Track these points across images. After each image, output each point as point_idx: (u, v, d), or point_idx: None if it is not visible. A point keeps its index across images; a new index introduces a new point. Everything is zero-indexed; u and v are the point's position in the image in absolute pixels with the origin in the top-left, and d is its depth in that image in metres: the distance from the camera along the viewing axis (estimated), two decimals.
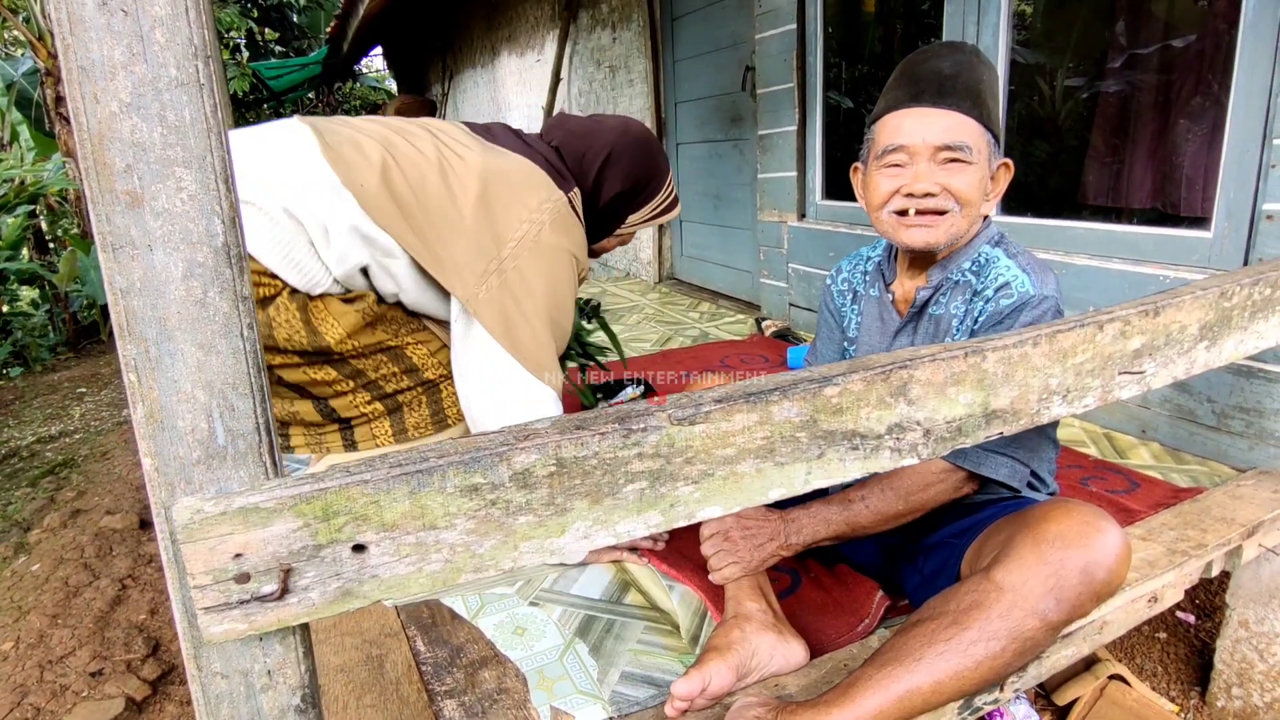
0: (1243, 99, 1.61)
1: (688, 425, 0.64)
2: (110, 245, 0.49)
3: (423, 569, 0.58)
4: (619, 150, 1.45)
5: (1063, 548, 0.87)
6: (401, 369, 1.34)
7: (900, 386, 0.73)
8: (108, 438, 3.55)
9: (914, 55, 1.12)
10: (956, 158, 1.05)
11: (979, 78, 1.07)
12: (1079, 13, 3.35)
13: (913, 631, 0.90)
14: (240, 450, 0.54)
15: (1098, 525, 0.88)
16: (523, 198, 1.31)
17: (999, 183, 1.13)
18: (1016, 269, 1.10)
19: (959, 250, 1.14)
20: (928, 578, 1.09)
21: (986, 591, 0.88)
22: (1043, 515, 0.91)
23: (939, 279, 1.14)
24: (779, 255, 3.09)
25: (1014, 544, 0.90)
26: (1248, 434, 1.62)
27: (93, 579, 2.16)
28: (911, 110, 1.06)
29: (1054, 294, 1.09)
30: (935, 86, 1.05)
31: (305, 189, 1.21)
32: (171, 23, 0.48)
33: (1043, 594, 0.86)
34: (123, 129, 0.48)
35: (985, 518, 1.07)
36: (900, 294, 1.21)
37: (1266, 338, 1.10)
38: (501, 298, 1.27)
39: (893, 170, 1.09)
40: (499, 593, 1.31)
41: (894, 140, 1.07)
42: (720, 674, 0.97)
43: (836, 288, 1.34)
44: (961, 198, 1.06)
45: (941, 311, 1.15)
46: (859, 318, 1.28)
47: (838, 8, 2.84)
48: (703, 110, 3.84)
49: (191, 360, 0.52)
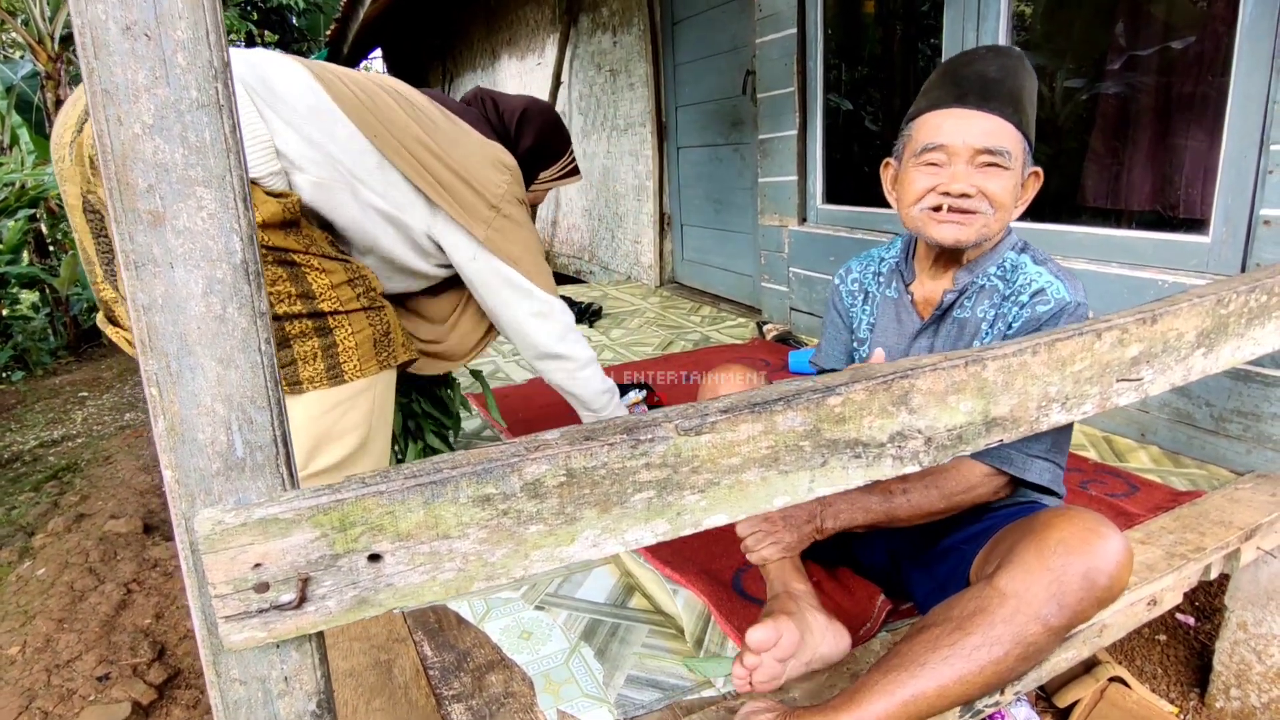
0: (1240, 104, 1.62)
1: (694, 435, 0.65)
2: (133, 263, 0.51)
3: (436, 578, 0.59)
4: (531, 111, 1.68)
5: (1065, 554, 0.88)
6: (297, 291, 1.29)
7: (902, 395, 0.75)
8: (110, 442, 3.57)
9: (959, 56, 1.12)
10: (995, 162, 1.05)
11: (1022, 84, 1.08)
12: (1078, 14, 3.36)
13: (918, 638, 0.91)
14: (258, 462, 0.56)
15: (1100, 532, 0.90)
16: (494, 155, 1.53)
17: (1028, 190, 1.13)
18: (1049, 275, 1.11)
19: (985, 254, 1.15)
20: (940, 583, 1.10)
21: (990, 597, 0.90)
22: (1046, 522, 0.93)
23: (965, 282, 1.15)
24: (780, 259, 3.11)
25: (1018, 550, 0.91)
26: (1245, 437, 1.64)
27: (98, 583, 2.17)
28: (954, 111, 1.06)
29: (1085, 300, 1.10)
30: (980, 89, 1.06)
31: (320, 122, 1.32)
32: (193, 46, 0.50)
33: (1045, 599, 0.88)
34: (145, 150, 0.50)
35: (995, 523, 1.08)
36: (921, 295, 1.21)
37: (1263, 344, 1.11)
38: (506, 237, 1.53)
39: (930, 169, 1.09)
40: (504, 597, 1.32)
41: (934, 139, 1.07)
42: (790, 631, 0.99)
43: (846, 288, 1.33)
44: (996, 201, 1.07)
45: (967, 315, 1.15)
46: (871, 319, 1.28)
47: (837, 10, 2.86)
48: (703, 114, 3.86)
49: (211, 374, 0.53)
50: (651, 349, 3.00)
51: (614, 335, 3.26)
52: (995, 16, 2.13)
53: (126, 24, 0.48)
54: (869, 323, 1.29)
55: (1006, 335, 1.11)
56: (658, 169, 4.20)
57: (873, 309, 1.28)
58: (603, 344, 3.12)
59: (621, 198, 4.64)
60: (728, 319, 3.48)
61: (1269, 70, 1.56)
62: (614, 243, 4.83)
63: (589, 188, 5.07)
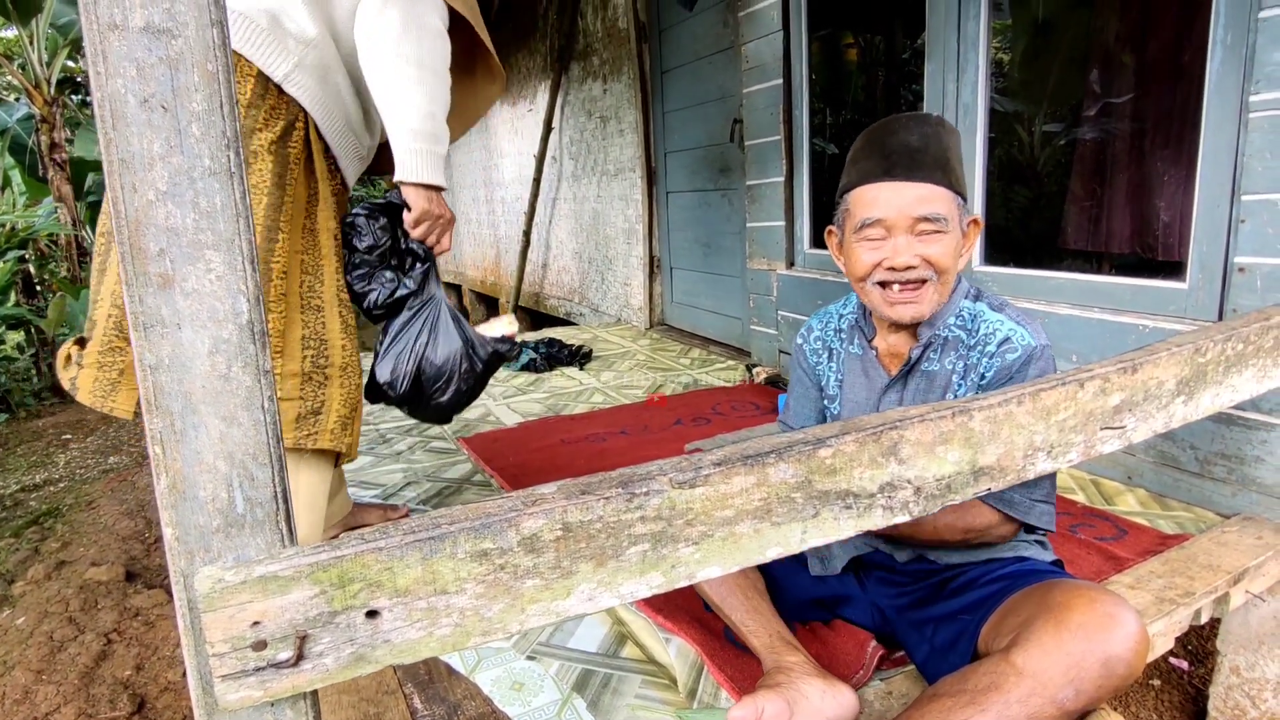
0: (1210, 156, 1.68)
1: (688, 488, 0.66)
2: (142, 324, 0.52)
3: (433, 633, 0.59)
4: None
5: (1085, 640, 0.89)
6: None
7: (891, 446, 0.76)
8: (93, 486, 3.52)
9: (879, 127, 1.15)
10: (934, 229, 1.09)
11: (945, 146, 1.12)
12: (1054, 63, 3.48)
13: (929, 706, 0.91)
14: (258, 518, 0.56)
15: (1119, 618, 0.91)
16: None
17: (970, 239, 1.17)
18: (1010, 322, 1.14)
19: (941, 309, 1.18)
20: (939, 649, 1.10)
21: (1005, 674, 0.90)
22: (1065, 603, 0.94)
23: (928, 336, 1.17)
24: (769, 303, 3.15)
25: (1035, 628, 0.92)
26: (1230, 480, 1.66)
27: (78, 633, 2.12)
28: (885, 184, 1.10)
29: (1048, 341, 1.14)
30: (906, 160, 1.09)
31: None
32: (207, 117, 0.52)
33: (1063, 684, 0.88)
34: (158, 215, 0.51)
35: (996, 591, 1.08)
36: (885, 349, 1.24)
37: (1241, 391, 1.14)
38: None
39: (872, 243, 1.12)
40: (496, 647, 1.30)
41: (871, 213, 1.11)
42: (773, 704, 0.98)
43: (810, 346, 1.35)
44: (939, 266, 1.10)
45: (935, 368, 1.18)
46: (838, 375, 1.30)
47: (822, 60, 2.95)
48: (692, 160, 3.94)
49: (214, 432, 0.54)
50: (641, 391, 3.01)
51: (604, 378, 3.28)
52: (974, 69, 2.21)
53: (144, 97, 0.50)
54: (836, 380, 1.30)
55: (981, 386, 1.14)
56: (647, 213, 4.27)
57: (839, 365, 1.30)
58: (593, 387, 3.13)
59: (611, 241, 4.70)
60: (717, 361, 3.50)
61: (1237, 123, 1.62)
62: (604, 285, 4.88)
63: (579, 231, 5.14)
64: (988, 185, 2.31)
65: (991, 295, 1.20)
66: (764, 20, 2.97)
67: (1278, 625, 1.50)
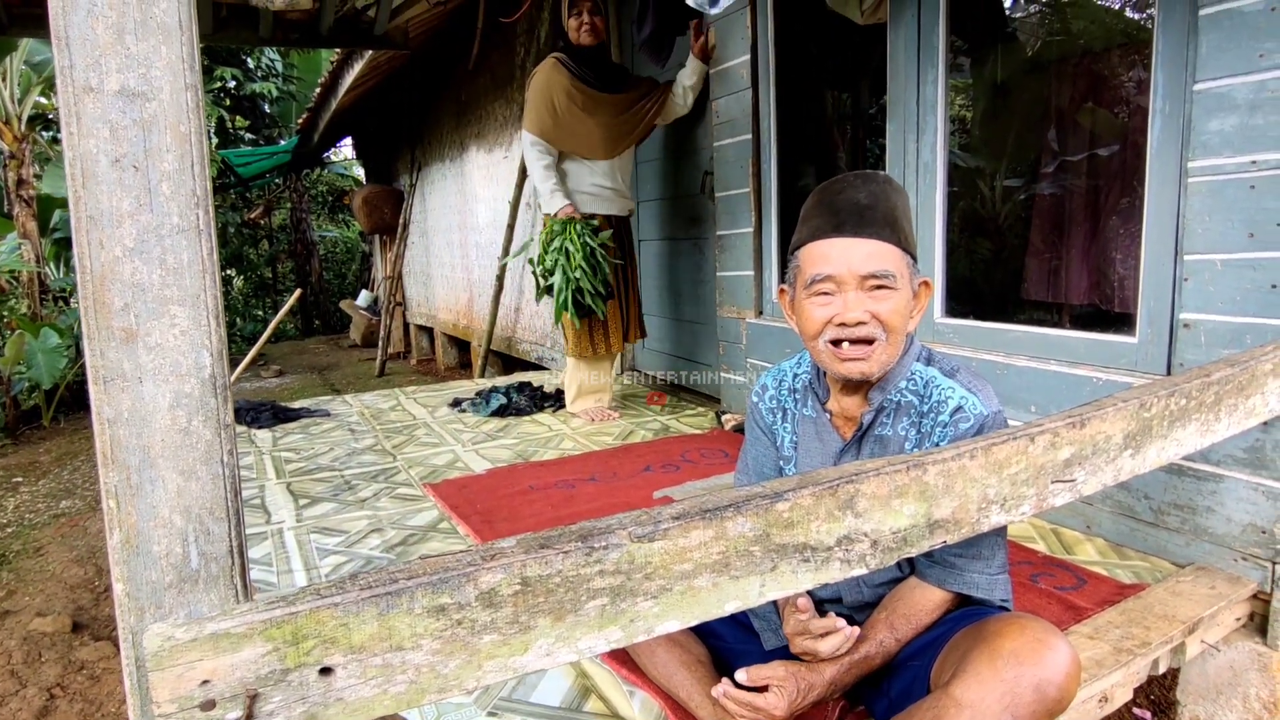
0: (1154, 217, 1.76)
1: (647, 542, 0.67)
2: (102, 378, 0.52)
3: (388, 690, 0.59)
4: None
5: (1017, 665, 0.91)
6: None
7: (848, 500, 0.78)
8: (43, 532, 3.40)
9: (828, 186, 1.18)
10: (883, 284, 1.11)
11: (894, 204, 1.15)
12: (1012, 122, 3.63)
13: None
14: (213, 573, 0.56)
15: (1049, 643, 0.93)
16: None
17: (921, 300, 1.19)
18: (962, 389, 1.15)
19: (892, 371, 1.19)
20: (896, 700, 1.10)
21: (946, 708, 0.91)
22: (997, 631, 0.95)
23: (879, 400, 1.19)
24: (738, 350, 3.18)
25: (971, 659, 0.93)
26: (1184, 530, 1.70)
27: (19, 687, 2.03)
28: (835, 240, 1.12)
29: (1000, 407, 1.15)
30: (855, 217, 1.12)
31: None
32: (178, 176, 0.53)
33: (999, 711, 0.89)
34: (124, 271, 0.52)
35: (942, 634, 1.09)
36: (838, 412, 1.25)
37: (1185, 445, 1.18)
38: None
39: (822, 299, 1.14)
40: (456, 702, 1.28)
41: (821, 270, 1.13)
42: None
43: (765, 405, 1.35)
44: (888, 324, 1.12)
45: (889, 433, 1.19)
46: (793, 437, 1.30)
47: (790, 115, 3.04)
48: (664, 210, 4.01)
49: (172, 486, 0.54)
50: (612, 438, 3.01)
51: (574, 424, 3.27)
52: (933, 130, 2.30)
53: (116, 157, 0.51)
54: (791, 441, 1.30)
55: None
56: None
57: (793, 426, 1.30)
58: (563, 434, 3.13)
59: None
60: (687, 409, 3.52)
61: (1178, 187, 1.70)
62: None
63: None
64: (949, 237, 2.39)
65: (943, 358, 1.22)
66: (734, 78, 3.07)
67: (1234, 675, 1.53)
